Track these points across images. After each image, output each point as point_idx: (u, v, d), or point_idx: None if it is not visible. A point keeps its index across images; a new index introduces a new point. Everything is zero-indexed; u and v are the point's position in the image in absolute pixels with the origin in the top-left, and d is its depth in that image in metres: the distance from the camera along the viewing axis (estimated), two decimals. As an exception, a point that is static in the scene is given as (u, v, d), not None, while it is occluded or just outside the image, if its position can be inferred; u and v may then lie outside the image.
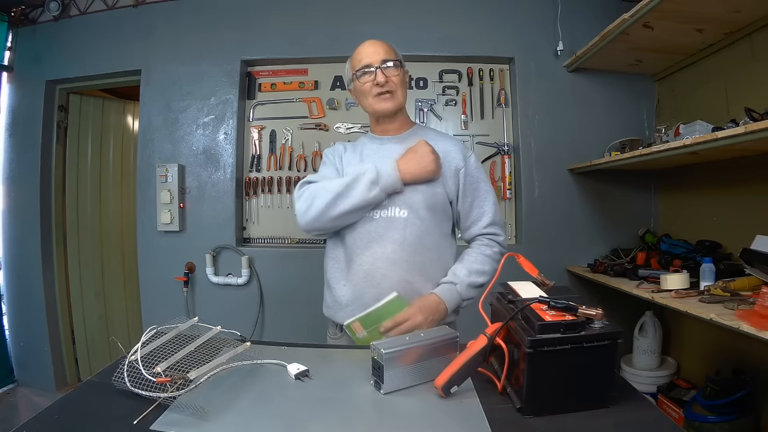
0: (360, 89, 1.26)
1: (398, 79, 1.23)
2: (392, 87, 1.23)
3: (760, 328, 1.19)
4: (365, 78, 1.23)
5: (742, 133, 1.29)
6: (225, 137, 2.60)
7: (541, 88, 2.49)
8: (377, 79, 1.21)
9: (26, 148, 2.76)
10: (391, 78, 1.22)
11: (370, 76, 1.22)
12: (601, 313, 0.76)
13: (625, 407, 0.78)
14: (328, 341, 1.33)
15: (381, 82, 1.21)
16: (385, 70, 1.22)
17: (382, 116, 1.28)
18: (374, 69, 1.21)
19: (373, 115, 1.30)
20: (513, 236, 2.58)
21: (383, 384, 0.83)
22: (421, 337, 0.89)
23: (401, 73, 1.25)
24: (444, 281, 1.22)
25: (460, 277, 1.21)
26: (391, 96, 1.24)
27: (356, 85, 1.27)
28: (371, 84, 1.23)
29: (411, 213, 1.19)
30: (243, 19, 2.59)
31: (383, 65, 1.22)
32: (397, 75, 1.23)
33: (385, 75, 1.22)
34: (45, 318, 2.75)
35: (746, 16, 1.72)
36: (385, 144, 1.30)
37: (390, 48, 1.26)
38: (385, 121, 1.30)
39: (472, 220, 1.29)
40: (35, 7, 2.75)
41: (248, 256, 2.53)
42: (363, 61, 1.23)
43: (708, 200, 2.10)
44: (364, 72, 1.23)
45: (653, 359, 2.18)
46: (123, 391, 0.80)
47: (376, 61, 1.22)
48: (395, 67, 1.23)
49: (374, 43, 1.25)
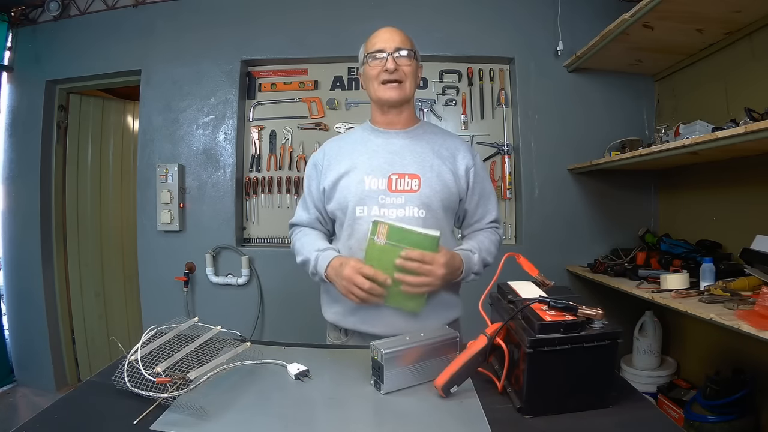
0: (368, 73, 1.20)
1: (409, 69, 1.18)
2: (401, 76, 1.17)
3: (760, 328, 1.19)
4: (375, 63, 1.18)
5: (742, 133, 1.29)
6: (225, 137, 2.60)
7: (541, 88, 2.49)
8: (387, 65, 1.16)
9: (26, 148, 2.76)
10: (402, 67, 1.17)
11: (381, 61, 1.17)
12: (601, 313, 0.76)
13: (625, 407, 0.78)
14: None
15: (390, 68, 1.16)
16: (397, 58, 1.16)
17: (387, 106, 1.22)
18: (386, 55, 1.16)
19: (378, 102, 1.23)
20: (513, 236, 2.58)
21: (383, 384, 0.83)
22: (421, 337, 0.89)
23: (413, 64, 1.20)
24: (462, 249, 1.19)
25: (477, 249, 1.19)
26: (399, 86, 1.18)
27: (365, 69, 1.21)
28: (380, 70, 1.17)
29: (429, 213, 1.16)
30: (243, 19, 2.59)
31: (396, 52, 1.17)
32: (409, 65, 1.18)
33: (396, 63, 1.16)
34: (45, 318, 2.75)
35: (746, 16, 1.71)
36: (391, 138, 1.23)
37: (407, 38, 1.21)
38: (391, 112, 1.23)
39: (477, 218, 1.28)
40: (35, 7, 2.75)
41: (248, 256, 2.53)
42: (376, 45, 1.18)
43: (708, 200, 2.10)
44: (375, 57, 1.18)
45: (653, 359, 2.18)
46: (123, 391, 0.80)
47: (389, 48, 1.17)
48: (408, 57, 1.18)
49: (391, 30, 1.20)
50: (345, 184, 1.19)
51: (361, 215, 1.16)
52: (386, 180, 1.16)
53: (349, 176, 1.19)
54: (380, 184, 1.16)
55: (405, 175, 1.17)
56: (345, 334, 1.25)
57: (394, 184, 1.16)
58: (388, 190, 1.16)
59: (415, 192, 1.16)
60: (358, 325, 1.19)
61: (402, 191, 1.16)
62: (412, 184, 1.16)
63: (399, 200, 1.15)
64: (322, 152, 1.28)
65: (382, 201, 1.15)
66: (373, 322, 1.16)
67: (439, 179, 1.19)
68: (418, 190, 1.16)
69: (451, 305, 1.24)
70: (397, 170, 1.17)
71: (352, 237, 1.18)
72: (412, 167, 1.18)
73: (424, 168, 1.19)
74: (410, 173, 1.17)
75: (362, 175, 1.17)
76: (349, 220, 1.18)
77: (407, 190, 1.16)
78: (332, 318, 1.25)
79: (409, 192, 1.16)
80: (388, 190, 1.16)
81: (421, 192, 1.16)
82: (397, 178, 1.17)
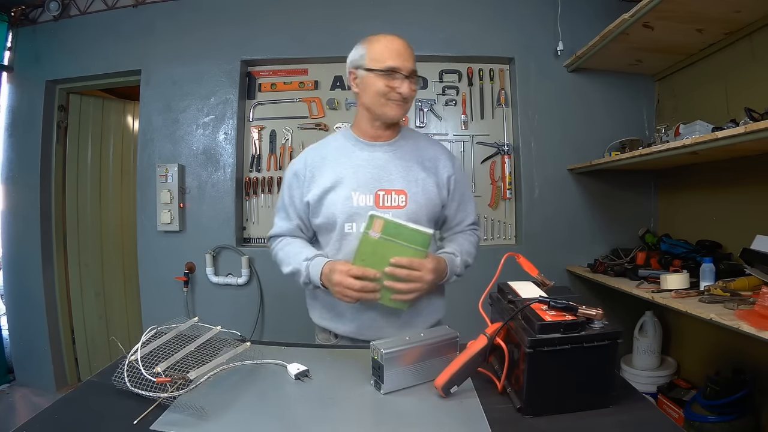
0: (373, 85, 1.14)
1: (415, 91, 1.18)
2: (409, 98, 1.17)
3: (760, 328, 1.19)
4: (388, 80, 1.13)
5: (742, 133, 1.29)
6: (225, 137, 2.60)
7: (541, 88, 2.49)
8: (402, 89, 1.13)
9: (26, 148, 2.76)
10: (412, 91, 1.17)
11: (394, 81, 1.13)
12: (601, 313, 0.76)
13: (625, 407, 0.78)
14: None
15: (406, 95, 1.14)
16: (411, 83, 1.15)
17: (386, 122, 1.20)
18: (402, 76, 1.13)
19: (376, 117, 1.19)
20: (513, 236, 2.58)
21: (383, 384, 0.83)
22: (421, 337, 0.89)
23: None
24: (445, 252, 1.21)
25: (459, 252, 1.21)
26: (405, 104, 1.17)
27: (369, 79, 1.15)
28: (391, 89, 1.13)
29: None
30: (243, 19, 2.59)
31: (411, 77, 1.15)
32: (415, 88, 1.18)
33: (410, 88, 1.15)
34: (45, 318, 2.75)
35: (746, 16, 1.72)
36: (376, 151, 1.21)
37: (413, 54, 1.18)
38: (382, 127, 1.22)
39: (457, 222, 1.30)
40: (35, 7, 2.75)
41: (248, 256, 2.53)
42: (389, 61, 1.12)
43: (708, 200, 2.10)
44: (389, 75, 1.13)
45: (653, 359, 2.18)
46: (123, 391, 0.80)
47: (405, 69, 1.13)
48: (416, 81, 1.18)
49: (405, 46, 1.16)
50: (332, 199, 1.17)
51: (350, 231, 1.17)
52: (373, 196, 1.17)
53: (336, 191, 1.17)
54: (368, 200, 1.16)
55: (392, 191, 1.18)
56: (335, 336, 1.26)
57: (381, 200, 1.17)
58: (376, 206, 1.16)
59: (402, 208, 1.17)
60: (345, 327, 1.22)
61: (389, 207, 1.17)
62: (398, 200, 1.18)
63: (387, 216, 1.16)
64: (303, 162, 1.24)
65: None
66: (359, 327, 1.20)
67: (424, 193, 1.20)
68: (405, 206, 1.17)
69: (436, 308, 1.27)
70: (384, 186, 1.18)
71: (340, 252, 1.18)
72: (398, 182, 1.18)
73: (410, 183, 1.19)
74: (397, 189, 1.18)
75: (349, 190, 1.17)
76: (337, 235, 1.18)
77: (394, 206, 1.17)
78: (320, 321, 1.28)
79: (396, 208, 1.17)
80: (375, 207, 1.16)
81: (408, 208, 1.17)
82: (384, 194, 1.17)
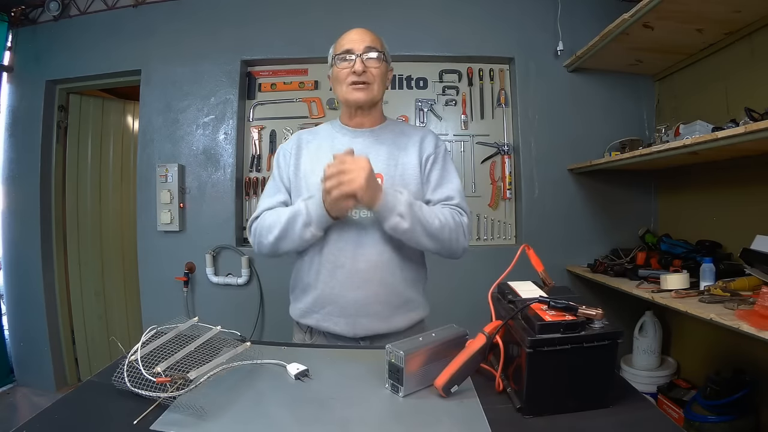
0: (336, 75, 1.19)
1: (378, 71, 1.17)
2: (369, 78, 1.16)
3: (760, 328, 1.19)
4: (344, 64, 1.16)
5: (742, 133, 1.29)
6: (225, 137, 2.59)
7: (541, 88, 2.49)
8: (355, 67, 1.14)
9: (26, 148, 2.76)
10: (371, 69, 1.16)
11: (349, 63, 1.15)
12: (601, 313, 0.76)
13: (625, 407, 0.78)
14: None
15: (358, 70, 1.14)
16: (366, 60, 1.15)
17: (355, 107, 1.21)
18: (354, 57, 1.15)
19: (345, 104, 1.23)
20: (513, 236, 2.58)
21: (402, 387, 0.81)
22: (432, 337, 0.87)
23: (382, 66, 1.18)
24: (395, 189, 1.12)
25: (413, 200, 1.10)
26: (367, 87, 1.17)
27: (334, 71, 1.20)
28: (348, 71, 1.16)
29: None
30: (243, 19, 2.59)
31: (364, 54, 1.15)
32: (378, 67, 1.17)
33: (365, 65, 1.15)
34: (45, 318, 2.75)
35: (746, 16, 1.72)
36: (357, 137, 1.22)
37: (377, 38, 1.19)
38: (359, 114, 1.23)
39: (437, 200, 1.20)
40: (35, 7, 2.75)
41: (248, 256, 2.53)
42: (345, 46, 1.17)
43: (708, 200, 2.10)
44: (343, 58, 1.16)
45: (653, 359, 2.18)
46: (123, 391, 0.80)
47: (358, 49, 1.15)
48: (377, 59, 1.16)
49: (360, 31, 1.19)
50: (312, 181, 1.17)
51: None
52: None
53: (315, 173, 1.16)
54: None
55: None
56: (310, 336, 1.24)
57: None
58: None
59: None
60: (321, 322, 1.19)
61: None
62: None
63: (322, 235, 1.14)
64: (291, 142, 1.28)
65: None
66: (336, 320, 1.16)
67: (403, 176, 1.18)
68: None
69: (415, 305, 1.22)
70: None
71: (328, 237, 1.16)
72: (377, 166, 1.15)
73: (389, 166, 1.18)
74: (375, 172, 1.13)
75: None
76: None
77: None
78: (296, 314, 1.26)
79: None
80: None
81: None
82: None
